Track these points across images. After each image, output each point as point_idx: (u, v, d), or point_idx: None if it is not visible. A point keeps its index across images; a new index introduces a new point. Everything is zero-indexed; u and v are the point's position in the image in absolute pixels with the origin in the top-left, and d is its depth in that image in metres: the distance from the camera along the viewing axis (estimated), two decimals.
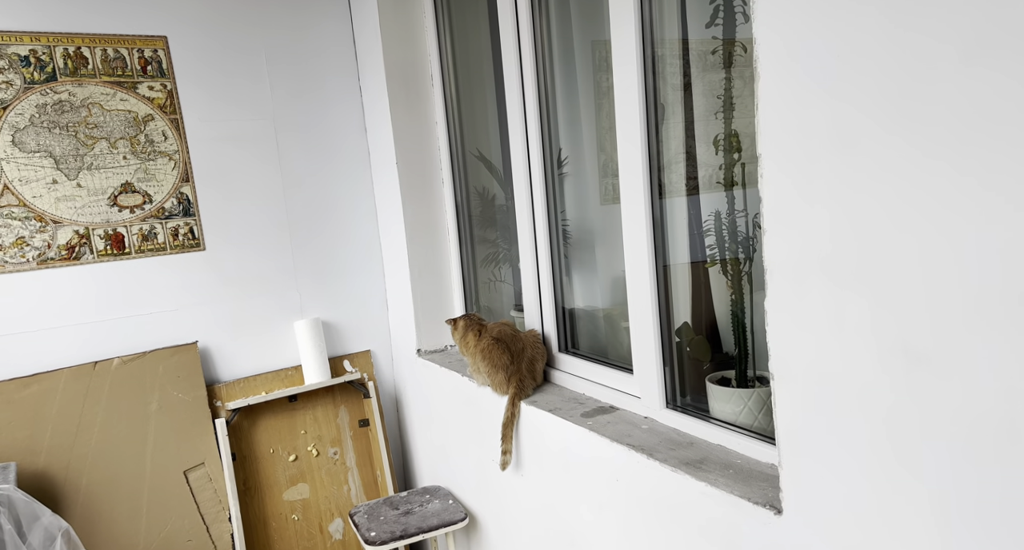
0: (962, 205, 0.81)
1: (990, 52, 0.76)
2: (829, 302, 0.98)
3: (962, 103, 0.79)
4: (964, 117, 0.79)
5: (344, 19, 2.55)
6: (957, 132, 0.80)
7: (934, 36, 0.81)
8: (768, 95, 1.01)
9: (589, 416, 1.71)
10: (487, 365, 1.98)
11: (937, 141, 0.82)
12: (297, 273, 2.55)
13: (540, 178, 1.97)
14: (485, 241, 2.51)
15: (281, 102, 2.46)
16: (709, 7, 1.41)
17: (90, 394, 2.18)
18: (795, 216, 1.01)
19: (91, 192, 2.18)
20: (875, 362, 0.94)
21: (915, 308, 0.88)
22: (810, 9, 0.94)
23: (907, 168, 0.86)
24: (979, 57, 0.77)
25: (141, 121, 2.23)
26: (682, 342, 1.67)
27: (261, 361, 2.51)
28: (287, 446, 2.49)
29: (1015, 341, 0.78)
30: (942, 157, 0.82)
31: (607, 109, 1.86)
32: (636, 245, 1.60)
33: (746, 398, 1.46)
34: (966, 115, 0.79)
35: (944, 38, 0.80)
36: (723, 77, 1.44)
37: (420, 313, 2.51)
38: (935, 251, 0.85)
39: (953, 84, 0.80)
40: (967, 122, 0.79)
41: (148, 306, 2.30)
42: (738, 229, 1.49)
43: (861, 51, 0.89)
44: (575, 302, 2.05)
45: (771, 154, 1.03)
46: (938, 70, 0.81)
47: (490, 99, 2.40)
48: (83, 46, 2.13)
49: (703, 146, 1.54)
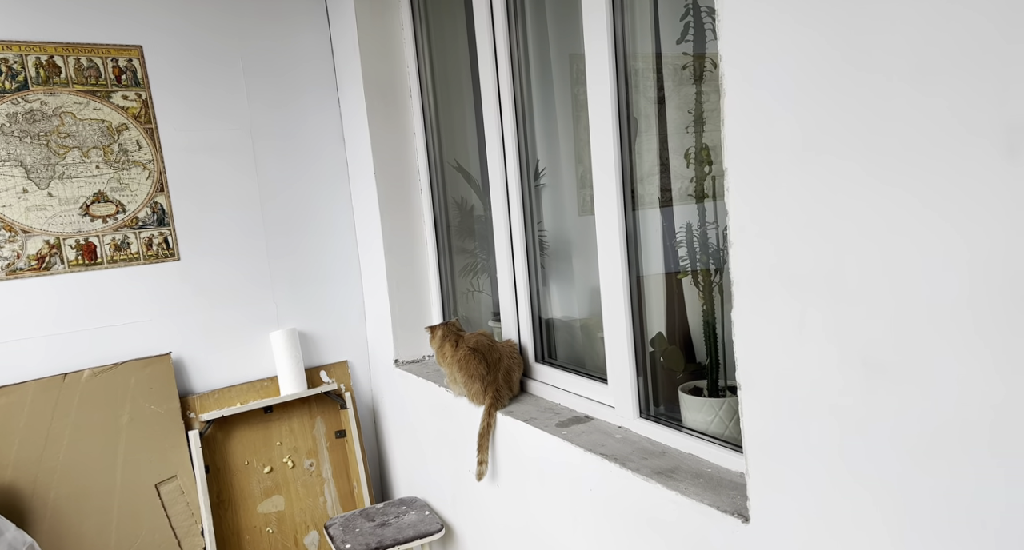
0: (922, 217, 0.84)
1: (939, 71, 0.79)
2: (792, 313, 1.00)
3: (917, 117, 0.82)
4: (921, 130, 0.82)
5: (322, 30, 2.56)
6: (914, 145, 0.83)
7: (889, 52, 0.84)
8: (733, 111, 1.04)
9: (564, 426, 1.71)
10: (464, 375, 1.98)
11: (895, 154, 0.85)
12: (274, 283, 2.54)
13: (517, 190, 1.98)
14: (463, 251, 2.52)
15: (258, 112, 2.46)
16: (680, 23, 1.44)
17: (59, 406, 2.14)
18: (759, 229, 1.03)
19: (62, 202, 2.15)
20: (837, 372, 0.96)
21: (874, 319, 0.90)
22: (773, 29, 0.97)
23: (866, 182, 0.89)
24: (929, 75, 0.80)
25: (115, 130, 2.21)
26: (656, 352, 1.69)
27: (236, 372, 2.48)
28: (262, 458, 2.47)
29: (973, 352, 0.81)
30: (900, 170, 0.85)
31: (584, 121, 1.88)
32: (610, 256, 1.62)
33: (717, 407, 1.48)
34: (923, 128, 0.82)
35: (898, 55, 0.83)
36: (694, 91, 1.47)
37: (398, 323, 2.51)
38: (894, 264, 0.87)
39: (907, 100, 0.83)
40: (924, 135, 0.82)
41: (120, 317, 2.27)
42: (709, 241, 1.51)
43: (820, 69, 0.92)
44: (552, 312, 2.06)
45: (736, 168, 1.05)
46: (893, 86, 0.84)
47: (468, 111, 2.42)
48: (56, 55, 2.11)
49: (676, 159, 1.57)
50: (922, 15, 0.79)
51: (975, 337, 0.80)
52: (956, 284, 0.81)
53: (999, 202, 0.76)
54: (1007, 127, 0.73)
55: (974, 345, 0.80)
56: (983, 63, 0.75)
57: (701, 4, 1.40)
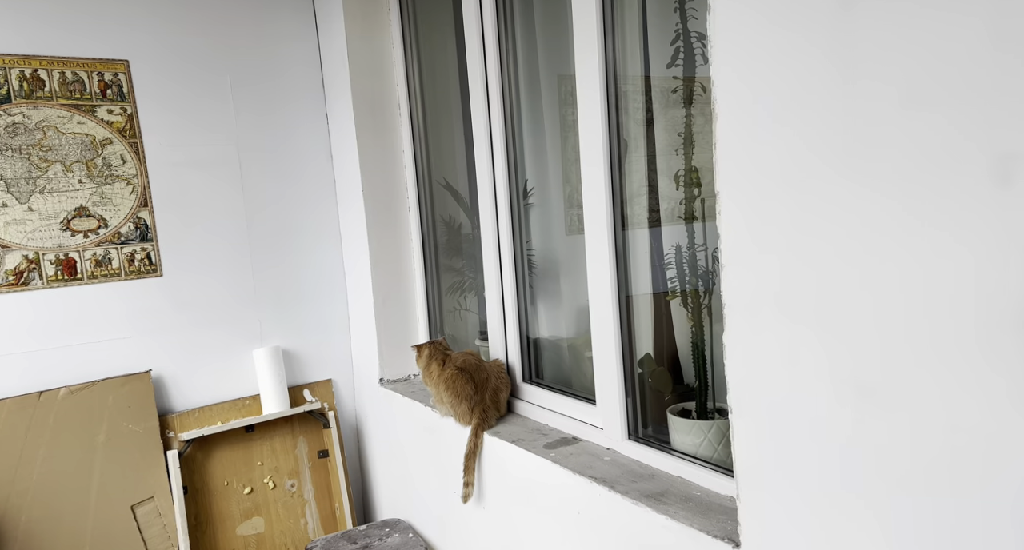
0: (911, 243, 0.84)
1: (930, 98, 0.80)
2: (783, 338, 1.00)
3: (907, 144, 0.83)
4: (911, 157, 0.83)
5: (312, 47, 2.55)
6: (902, 172, 0.84)
7: (880, 80, 0.85)
8: (725, 136, 1.04)
9: (552, 447, 1.70)
10: (450, 395, 1.96)
11: (886, 180, 0.86)
12: (258, 300, 2.50)
13: (506, 208, 1.98)
14: (451, 269, 2.51)
15: (246, 127, 2.44)
16: (670, 48, 1.46)
17: (33, 426, 2.08)
18: (750, 253, 1.03)
19: (43, 216, 2.12)
20: (828, 397, 0.96)
21: (866, 344, 0.90)
22: (764, 54, 0.98)
23: (856, 208, 0.89)
24: (920, 103, 0.81)
25: (99, 145, 2.18)
26: (644, 373, 1.68)
27: (218, 390, 2.44)
28: (242, 478, 2.42)
29: (962, 378, 0.81)
30: (891, 195, 0.85)
31: (573, 141, 1.89)
32: (600, 278, 1.62)
33: (706, 430, 1.47)
34: (913, 155, 0.82)
35: (888, 81, 0.84)
36: (684, 114, 1.49)
37: (384, 341, 2.48)
38: (884, 289, 0.87)
39: (897, 126, 0.83)
40: (914, 162, 0.83)
41: (100, 333, 2.23)
42: (698, 263, 1.51)
43: (812, 95, 0.93)
44: (539, 332, 2.05)
45: (728, 192, 1.05)
46: (883, 113, 0.85)
47: (457, 129, 2.42)
48: (41, 68, 2.08)
49: (665, 180, 1.58)
50: (913, 44, 0.81)
51: (965, 364, 0.80)
52: (947, 311, 0.81)
53: (989, 229, 0.76)
54: (998, 155, 0.74)
55: (964, 372, 0.80)
56: (973, 92, 0.76)
57: (691, 30, 1.42)
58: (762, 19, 0.96)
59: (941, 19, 0.77)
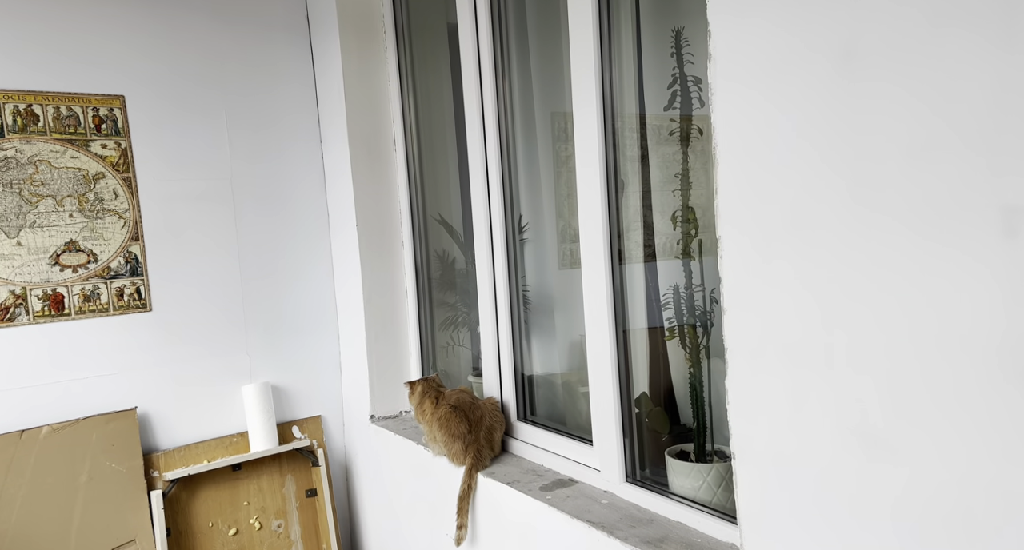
0: (921, 289, 0.84)
1: (935, 150, 0.81)
2: (788, 383, 0.99)
3: (914, 193, 0.83)
4: (915, 208, 0.83)
5: (308, 82, 2.57)
6: (909, 222, 0.84)
7: (883, 133, 0.86)
8: (727, 180, 1.05)
9: (548, 490, 1.67)
10: (444, 434, 1.92)
11: (890, 230, 0.86)
12: (248, 335, 2.47)
13: (502, 244, 1.98)
14: (444, 304, 2.49)
15: (240, 162, 2.44)
16: (667, 91, 1.48)
17: (14, 465, 2.02)
18: (754, 298, 1.03)
19: (32, 251, 2.09)
20: (834, 446, 0.94)
21: (871, 393, 0.89)
22: (765, 103, 0.99)
23: (860, 257, 0.89)
24: (925, 154, 0.82)
25: (91, 179, 2.17)
26: (641, 413, 1.66)
27: (205, 427, 2.39)
28: (228, 519, 2.35)
29: (972, 428, 0.80)
30: (895, 246, 0.85)
31: (566, 177, 1.90)
32: (597, 313, 1.61)
33: (705, 473, 1.45)
34: (917, 207, 0.83)
35: (892, 137, 0.85)
36: (680, 155, 1.50)
37: (375, 377, 2.45)
38: (891, 339, 0.87)
39: (902, 175, 0.84)
40: (917, 214, 0.83)
41: (85, 370, 2.18)
42: (696, 303, 1.51)
43: (814, 141, 0.93)
44: (534, 369, 2.03)
45: (731, 236, 1.06)
46: (886, 164, 0.85)
47: (452, 164, 2.43)
48: (35, 103, 2.08)
49: (662, 218, 1.58)
50: (917, 98, 0.82)
51: (975, 413, 0.79)
52: (955, 360, 0.81)
53: (995, 280, 0.76)
54: (1004, 207, 0.75)
55: (975, 421, 0.80)
56: (980, 145, 0.77)
57: (688, 73, 1.44)
58: (764, 68, 0.97)
59: (942, 73, 0.79)
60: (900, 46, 0.81)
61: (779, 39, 0.95)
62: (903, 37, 0.80)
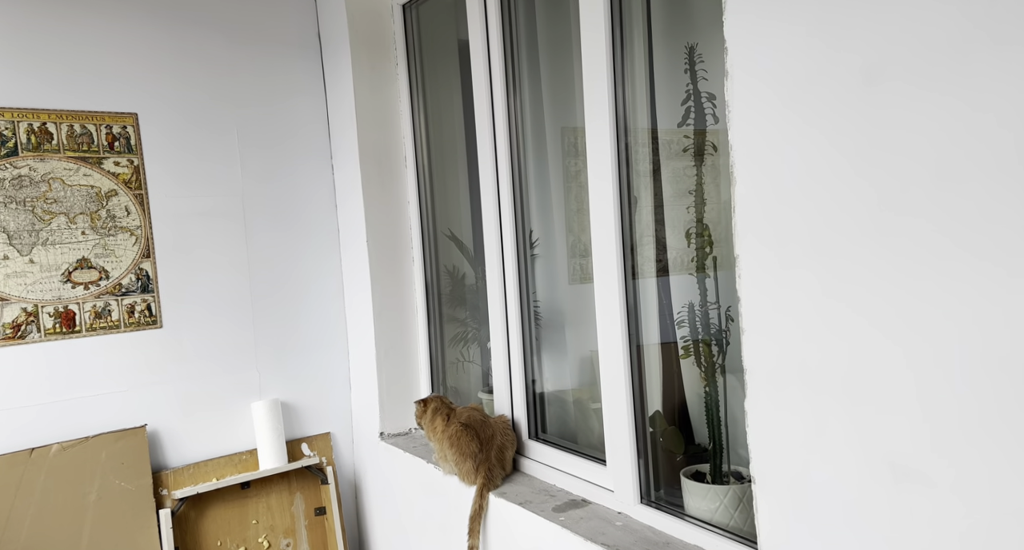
0: (951, 313, 0.82)
1: (960, 170, 0.79)
2: (810, 407, 0.97)
3: (937, 209, 0.81)
4: (942, 222, 0.81)
5: (319, 99, 2.58)
6: (939, 236, 0.82)
7: (909, 150, 0.84)
8: (745, 199, 1.03)
9: (561, 511, 1.64)
10: (455, 453, 1.90)
11: (913, 255, 0.84)
12: (258, 352, 2.46)
13: (513, 259, 1.96)
14: (454, 320, 2.48)
15: (251, 178, 2.45)
16: (680, 108, 1.46)
17: (24, 484, 2.01)
18: (773, 318, 1.01)
19: (44, 268, 2.09)
20: (861, 474, 0.92)
21: (900, 420, 0.87)
22: (784, 122, 0.97)
23: (882, 278, 0.87)
24: (952, 177, 0.80)
25: (104, 196, 2.18)
26: (655, 432, 1.64)
27: (214, 445, 2.37)
28: (236, 538, 2.33)
29: (1010, 458, 0.78)
30: (918, 274, 0.83)
31: (576, 192, 1.89)
32: (610, 330, 1.59)
33: (722, 495, 1.42)
34: (943, 220, 0.81)
35: (918, 159, 0.83)
36: (694, 171, 1.48)
37: (385, 394, 2.43)
38: (919, 363, 0.85)
39: (927, 197, 0.82)
40: (948, 226, 0.81)
41: (96, 387, 2.18)
42: (712, 321, 1.49)
43: (837, 157, 0.92)
44: (545, 386, 2.01)
45: (749, 256, 1.04)
46: (911, 186, 0.83)
47: (462, 180, 2.43)
48: (49, 122, 2.09)
49: (673, 233, 1.56)
50: (946, 111, 0.80)
51: (1011, 442, 0.77)
52: (988, 387, 0.78)
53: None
54: None
55: (1010, 451, 0.77)
56: (1005, 168, 0.75)
57: (701, 90, 1.43)
58: (784, 86, 0.96)
59: (967, 100, 0.77)
60: (928, 59, 0.79)
61: (801, 55, 0.93)
62: (931, 51, 0.79)
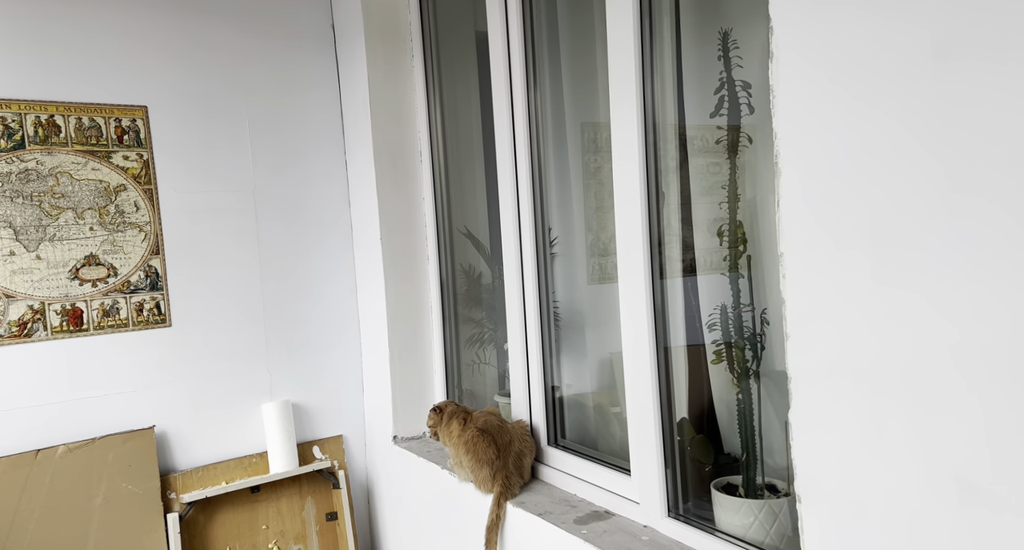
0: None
1: None
2: (865, 417, 0.88)
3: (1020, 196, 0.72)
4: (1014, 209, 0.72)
5: (332, 92, 2.52)
6: (1019, 229, 0.73)
7: (986, 131, 0.75)
8: (791, 192, 0.95)
9: (583, 523, 1.56)
10: (471, 459, 1.82)
11: (994, 236, 0.75)
12: (269, 352, 2.40)
13: (532, 258, 1.89)
14: (470, 321, 2.40)
15: (263, 173, 2.39)
16: (714, 97, 1.38)
17: (29, 486, 1.96)
18: (822, 321, 0.92)
19: (51, 265, 2.04)
20: (923, 492, 0.83)
21: (970, 430, 0.78)
22: (838, 106, 0.88)
23: (959, 267, 0.78)
24: None
25: (112, 191, 2.13)
26: (683, 441, 1.55)
27: (224, 447, 2.31)
28: (245, 543, 2.27)
29: None
30: (1000, 254, 0.74)
31: (595, 189, 1.81)
32: (636, 332, 1.51)
33: (756, 510, 1.33)
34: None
35: (992, 140, 0.74)
36: (727, 166, 1.40)
37: (398, 396, 2.36)
38: (996, 363, 0.76)
39: (1008, 178, 0.73)
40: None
41: (103, 387, 2.12)
42: (745, 324, 1.40)
43: (903, 141, 0.83)
44: (565, 389, 1.93)
45: (796, 253, 0.95)
46: (976, 175, 0.75)
47: (479, 177, 2.35)
48: (57, 114, 2.04)
49: (703, 231, 1.48)
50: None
51: None
52: None
53: None
54: None
55: None
56: None
57: (735, 78, 1.34)
58: (841, 66, 0.87)
59: None
60: (1000, 33, 0.71)
61: (858, 31, 0.85)
62: (1005, 23, 0.70)
